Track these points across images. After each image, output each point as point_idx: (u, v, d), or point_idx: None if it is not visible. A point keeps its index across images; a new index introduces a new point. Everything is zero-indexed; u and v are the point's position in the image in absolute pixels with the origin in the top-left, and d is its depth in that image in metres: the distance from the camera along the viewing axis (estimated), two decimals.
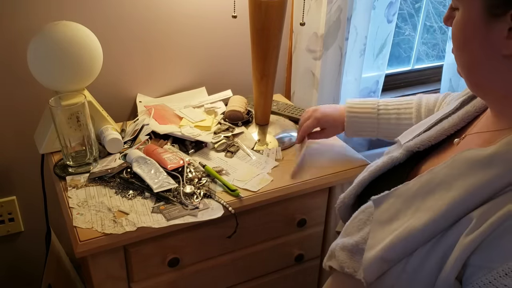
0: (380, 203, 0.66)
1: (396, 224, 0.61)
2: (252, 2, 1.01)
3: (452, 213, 0.56)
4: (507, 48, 0.56)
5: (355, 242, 0.67)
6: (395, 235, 0.59)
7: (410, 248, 0.58)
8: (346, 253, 0.68)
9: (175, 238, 0.92)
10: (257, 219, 1.01)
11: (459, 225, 0.55)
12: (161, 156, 1.01)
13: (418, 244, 0.58)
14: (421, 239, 0.57)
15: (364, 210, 0.69)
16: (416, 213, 0.59)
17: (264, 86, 1.11)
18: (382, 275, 0.61)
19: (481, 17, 0.56)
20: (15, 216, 1.27)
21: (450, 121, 0.73)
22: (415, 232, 0.58)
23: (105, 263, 0.88)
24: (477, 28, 0.57)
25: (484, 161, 0.56)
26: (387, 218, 0.63)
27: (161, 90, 1.32)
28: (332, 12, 1.27)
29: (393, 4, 1.46)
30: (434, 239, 0.57)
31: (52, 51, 0.97)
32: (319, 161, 1.09)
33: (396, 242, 0.59)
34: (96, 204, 0.92)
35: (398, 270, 0.59)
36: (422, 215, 0.58)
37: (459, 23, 0.60)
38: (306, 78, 1.38)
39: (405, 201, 0.62)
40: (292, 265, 1.13)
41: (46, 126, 1.06)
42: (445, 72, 1.70)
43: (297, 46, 1.37)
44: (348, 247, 0.68)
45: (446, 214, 0.56)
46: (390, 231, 0.61)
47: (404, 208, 0.62)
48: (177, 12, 1.24)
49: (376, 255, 0.61)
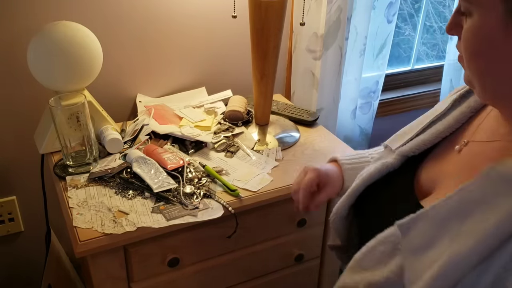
0: (408, 229, 0.59)
1: (433, 252, 0.57)
2: (252, 2, 1.01)
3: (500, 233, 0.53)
4: None
5: (385, 279, 0.60)
6: (440, 265, 0.55)
7: (460, 276, 0.54)
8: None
9: (175, 238, 0.92)
10: (257, 219, 1.02)
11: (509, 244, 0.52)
12: (161, 156, 1.01)
13: (467, 271, 0.54)
14: (469, 264, 0.53)
15: (385, 240, 0.62)
16: (456, 237, 0.55)
17: (264, 86, 1.11)
18: None
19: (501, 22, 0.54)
20: (15, 216, 1.27)
21: (444, 123, 0.70)
22: (462, 259, 0.53)
23: (105, 263, 0.88)
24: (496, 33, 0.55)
25: None
26: (420, 246, 0.58)
27: (161, 90, 1.32)
28: (332, 12, 1.28)
29: (393, 4, 1.46)
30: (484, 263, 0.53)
31: (52, 51, 0.97)
32: (319, 161, 1.09)
33: (442, 273, 0.54)
34: (96, 204, 0.92)
35: None
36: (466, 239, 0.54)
37: (475, 29, 0.57)
38: (306, 78, 1.38)
39: (439, 226, 0.57)
40: (292, 265, 1.13)
41: (46, 126, 1.06)
42: (446, 72, 1.70)
43: (297, 46, 1.37)
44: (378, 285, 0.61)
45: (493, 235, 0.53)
46: (429, 261, 0.56)
47: (439, 234, 0.57)
48: (177, 12, 1.24)
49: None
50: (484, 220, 0.54)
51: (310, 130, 1.24)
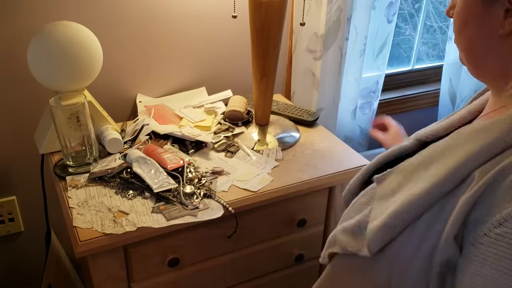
0: (383, 180, 0.66)
1: (398, 195, 0.61)
2: (252, 2, 1.01)
3: (453, 176, 0.56)
4: (503, 28, 0.58)
5: (357, 222, 0.66)
6: (398, 203, 0.59)
7: (415, 214, 0.58)
8: (348, 234, 0.67)
9: (175, 238, 0.92)
10: (257, 219, 1.02)
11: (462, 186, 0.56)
12: (161, 156, 1.01)
13: (422, 210, 0.57)
14: (425, 204, 0.57)
15: (365, 194, 0.69)
16: (418, 182, 0.60)
17: (264, 86, 1.11)
18: (386, 246, 0.60)
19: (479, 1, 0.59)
20: (15, 216, 1.27)
21: (460, 113, 0.73)
22: (418, 197, 0.57)
23: (105, 263, 0.88)
24: (474, 12, 0.60)
25: (484, 128, 0.58)
26: (389, 192, 0.63)
27: (161, 90, 1.32)
28: (332, 12, 1.28)
29: (393, 4, 1.46)
30: (438, 203, 0.57)
31: (52, 51, 0.97)
32: (319, 161, 1.09)
33: (400, 209, 0.59)
34: (96, 204, 0.92)
35: (403, 239, 0.59)
36: (424, 182, 0.59)
37: (460, 7, 0.62)
38: (306, 78, 1.38)
39: (407, 174, 0.63)
40: (292, 265, 1.13)
41: (46, 126, 1.06)
42: (445, 72, 1.70)
43: (297, 46, 1.37)
44: (350, 227, 0.67)
45: (447, 177, 0.56)
46: (393, 202, 0.61)
47: (406, 180, 0.62)
48: (177, 12, 1.24)
49: (380, 223, 0.60)
50: (443, 165, 0.58)
51: (310, 130, 1.24)
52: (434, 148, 0.63)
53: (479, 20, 0.60)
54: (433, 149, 0.63)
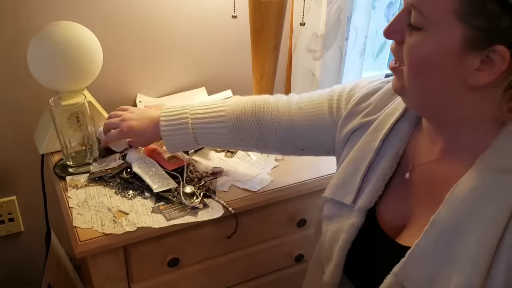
0: (407, 275, 0.60)
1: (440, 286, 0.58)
2: (252, 2, 1.02)
3: (486, 250, 0.54)
4: (474, 80, 0.54)
5: None
6: None
7: None
8: None
9: (175, 238, 0.92)
10: (257, 219, 1.01)
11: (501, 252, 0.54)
12: (161, 156, 1.01)
13: None
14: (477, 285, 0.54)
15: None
16: (453, 267, 0.56)
17: (264, 86, 1.11)
18: None
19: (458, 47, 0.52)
20: (15, 216, 1.27)
21: (386, 163, 0.69)
22: (469, 284, 0.54)
23: (105, 263, 0.88)
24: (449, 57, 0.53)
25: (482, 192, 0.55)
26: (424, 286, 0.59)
27: (161, 90, 1.32)
28: (332, 12, 1.27)
29: (393, 4, 1.46)
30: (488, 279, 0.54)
31: (52, 51, 0.97)
32: (319, 161, 1.09)
33: None
34: (96, 204, 0.92)
35: None
36: (463, 266, 0.55)
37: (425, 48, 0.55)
38: (306, 78, 1.38)
39: (430, 262, 0.58)
40: (292, 265, 1.13)
41: (46, 126, 1.06)
42: None
43: (297, 46, 1.37)
44: None
45: (481, 255, 0.54)
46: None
47: (435, 270, 0.58)
48: (177, 12, 1.24)
49: None
50: (467, 244, 0.55)
51: None
52: (441, 225, 0.58)
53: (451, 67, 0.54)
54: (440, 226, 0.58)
